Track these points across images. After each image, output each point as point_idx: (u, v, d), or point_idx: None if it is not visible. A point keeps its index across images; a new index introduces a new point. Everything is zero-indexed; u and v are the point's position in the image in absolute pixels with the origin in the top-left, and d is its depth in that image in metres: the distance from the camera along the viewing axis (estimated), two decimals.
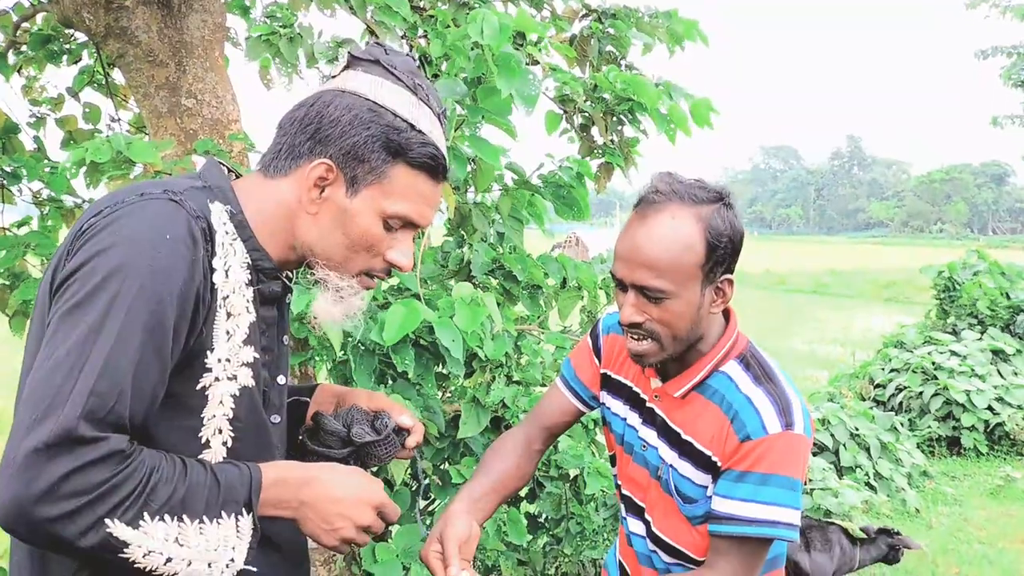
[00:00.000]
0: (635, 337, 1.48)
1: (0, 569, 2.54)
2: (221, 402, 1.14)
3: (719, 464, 1.48)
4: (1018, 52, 23.46)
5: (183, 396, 1.11)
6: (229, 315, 1.14)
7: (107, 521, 0.97)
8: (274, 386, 1.28)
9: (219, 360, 1.13)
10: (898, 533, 3.86)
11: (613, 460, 1.78)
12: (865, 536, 3.79)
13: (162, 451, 1.07)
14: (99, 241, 1.04)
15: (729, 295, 1.50)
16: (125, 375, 1.00)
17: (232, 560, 1.09)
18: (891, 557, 3.82)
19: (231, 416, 1.15)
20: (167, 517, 1.02)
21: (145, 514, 1.00)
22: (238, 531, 1.09)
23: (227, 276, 1.14)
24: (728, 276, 1.48)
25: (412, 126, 1.21)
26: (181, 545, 1.04)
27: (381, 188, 1.21)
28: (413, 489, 3.00)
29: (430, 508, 3.25)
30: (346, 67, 1.25)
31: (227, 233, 1.15)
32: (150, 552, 1.01)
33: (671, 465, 1.55)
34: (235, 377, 1.15)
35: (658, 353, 1.48)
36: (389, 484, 2.74)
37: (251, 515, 1.11)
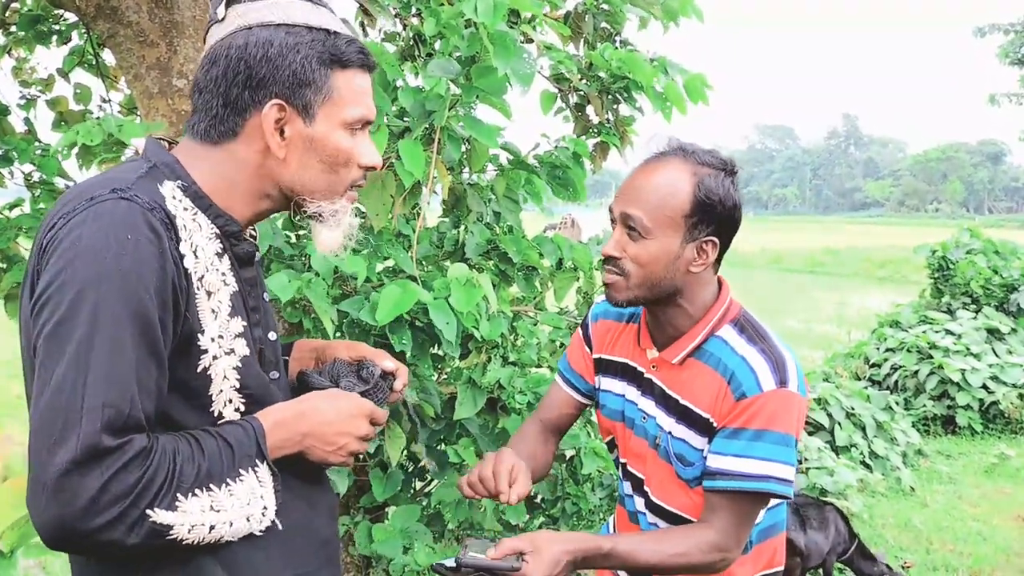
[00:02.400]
0: (610, 270, 1.55)
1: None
2: (225, 376, 1.16)
3: (715, 424, 1.53)
4: (1015, 29, 23.38)
5: (188, 381, 1.13)
6: (209, 294, 1.14)
7: (149, 512, 1.01)
8: (268, 343, 1.30)
9: (212, 339, 1.14)
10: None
11: (611, 445, 1.81)
12: (872, 554, 3.82)
13: (171, 432, 1.10)
14: (62, 256, 1.03)
15: (711, 257, 1.54)
16: (129, 380, 1.02)
17: (265, 508, 1.16)
18: None
19: (238, 386, 1.18)
20: (198, 491, 1.07)
21: (179, 495, 1.05)
22: (260, 481, 1.15)
23: (196, 256, 1.13)
24: (712, 238, 1.52)
25: (327, 31, 1.19)
26: (217, 511, 1.09)
27: (331, 102, 1.19)
28: (409, 470, 3.01)
29: (426, 489, 3.26)
30: (227, 4, 1.19)
31: (185, 210, 1.14)
32: (194, 526, 1.06)
33: (668, 432, 1.59)
34: (232, 351, 1.17)
35: (624, 290, 1.54)
36: (383, 467, 2.74)
37: (265, 463, 1.16)
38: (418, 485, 3.24)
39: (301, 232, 2.72)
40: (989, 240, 8.69)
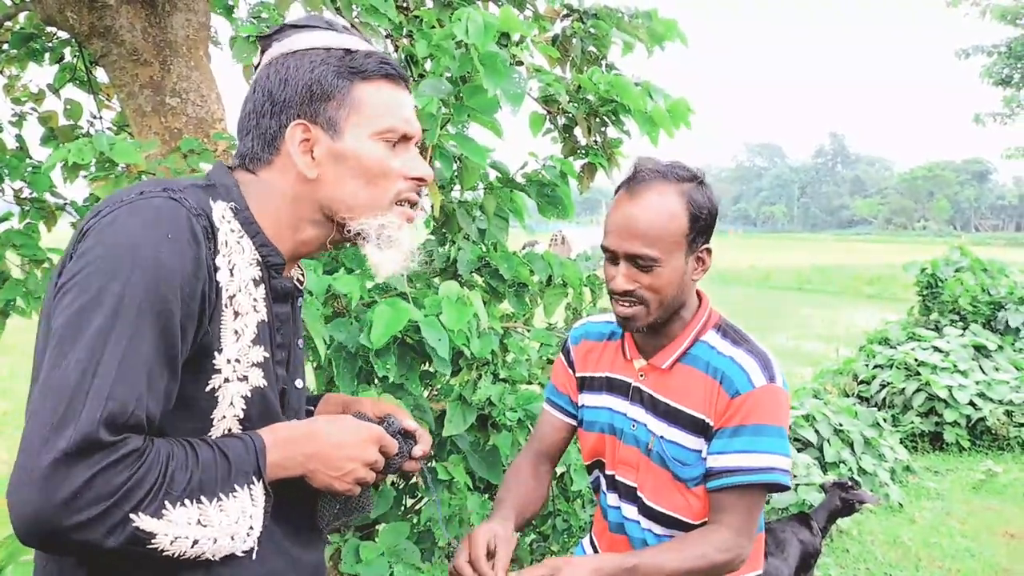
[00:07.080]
0: (625, 303, 1.59)
1: None
2: (232, 403, 1.12)
3: (712, 424, 1.59)
4: (998, 51, 23.65)
5: (193, 398, 1.09)
6: (236, 314, 1.11)
7: (132, 516, 0.96)
8: (292, 389, 1.27)
9: (228, 361, 1.11)
10: (852, 487, 3.98)
11: (591, 467, 1.85)
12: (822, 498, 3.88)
13: (168, 438, 1.06)
14: (101, 242, 1.01)
15: (708, 263, 1.63)
16: (140, 378, 0.98)
17: (252, 528, 1.10)
18: (847, 511, 3.98)
19: (242, 416, 1.14)
20: (187, 501, 1.02)
21: (167, 503, 1.00)
22: (252, 500, 1.10)
23: (232, 275, 1.11)
24: (707, 246, 1.62)
25: (347, 50, 1.19)
26: (204, 526, 1.04)
27: (357, 114, 1.18)
28: (400, 487, 3.01)
29: (416, 507, 3.25)
30: (262, 52, 1.24)
31: (232, 231, 1.13)
32: (177, 538, 1.01)
33: (661, 436, 1.65)
34: (246, 378, 1.13)
35: (645, 317, 1.60)
36: (375, 485, 2.74)
37: (261, 481, 1.11)
38: (408, 502, 3.23)
39: None
40: (977, 259, 8.77)
